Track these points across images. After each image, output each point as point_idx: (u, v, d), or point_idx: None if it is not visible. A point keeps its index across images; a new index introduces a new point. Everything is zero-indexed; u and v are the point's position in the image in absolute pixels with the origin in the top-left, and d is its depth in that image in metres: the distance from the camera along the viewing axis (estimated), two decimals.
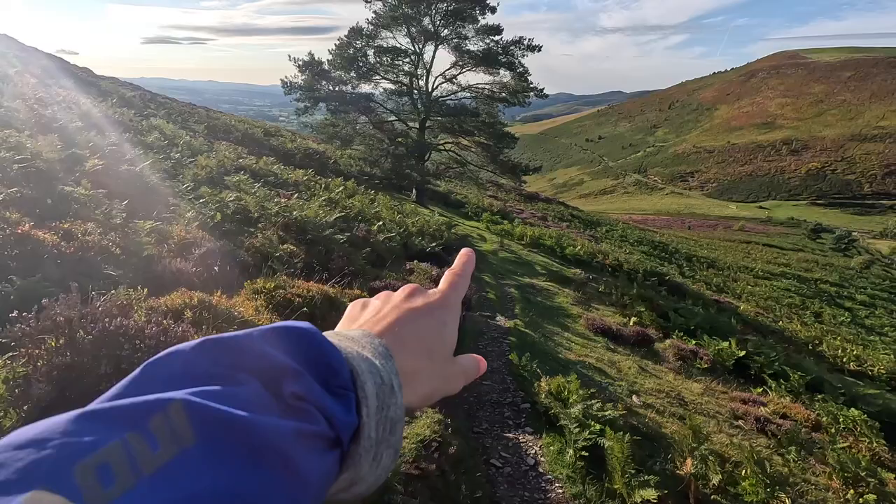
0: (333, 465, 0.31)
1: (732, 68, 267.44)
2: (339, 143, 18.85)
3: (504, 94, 18.18)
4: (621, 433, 2.80)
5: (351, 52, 17.35)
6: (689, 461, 3.13)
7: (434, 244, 9.69)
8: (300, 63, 17.09)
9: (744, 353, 7.98)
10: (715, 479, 3.34)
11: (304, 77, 17.10)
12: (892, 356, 16.23)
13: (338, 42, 17.48)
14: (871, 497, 3.28)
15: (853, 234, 65.02)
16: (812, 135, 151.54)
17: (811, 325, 18.37)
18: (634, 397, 5.14)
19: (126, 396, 0.27)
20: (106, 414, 0.26)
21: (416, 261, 7.47)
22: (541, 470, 2.71)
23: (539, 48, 17.06)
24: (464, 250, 0.53)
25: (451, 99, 18.93)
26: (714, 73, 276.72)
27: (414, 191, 19.27)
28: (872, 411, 6.71)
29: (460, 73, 18.60)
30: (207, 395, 0.28)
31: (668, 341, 8.01)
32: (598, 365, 5.90)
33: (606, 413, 3.20)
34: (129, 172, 6.91)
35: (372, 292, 4.99)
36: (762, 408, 5.71)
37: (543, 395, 3.49)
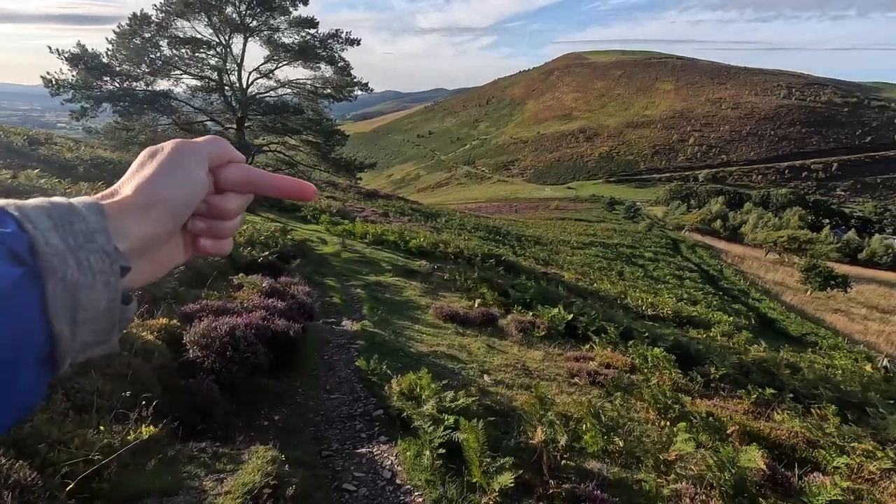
0: (23, 279, 0.32)
1: (534, 67, 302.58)
2: (138, 149, 16.03)
3: (328, 90, 17.46)
4: (475, 420, 2.75)
5: (138, 42, 14.74)
6: (538, 430, 3.24)
7: (267, 253, 8.83)
8: (68, 55, 13.91)
9: (571, 316, 8.95)
10: (562, 441, 3.53)
11: (76, 73, 13.95)
12: (673, 299, 20.10)
13: (117, 30, 14.69)
14: (683, 425, 3.85)
15: (637, 203, 79.14)
16: (600, 123, 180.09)
17: (617, 282, 21.77)
18: (486, 377, 5.30)
19: None
20: None
21: (241, 274, 6.65)
22: (398, 481, 2.52)
23: (358, 42, 16.73)
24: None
25: (269, 96, 17.48)
26: (520, 71, 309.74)
27: None
28: (667, 346, 8.05)
29: (277, 68, 17.26)
30: None
31: (509, 317, 8.55)
32: (449, 352, 5.97)
33: (459, 402, 3.15)
34: None
35: (185, 318, 4.22)
36: (591, 362, 6.40)
37: (395, 398, 3.31)
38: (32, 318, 0.33)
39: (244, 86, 17.25)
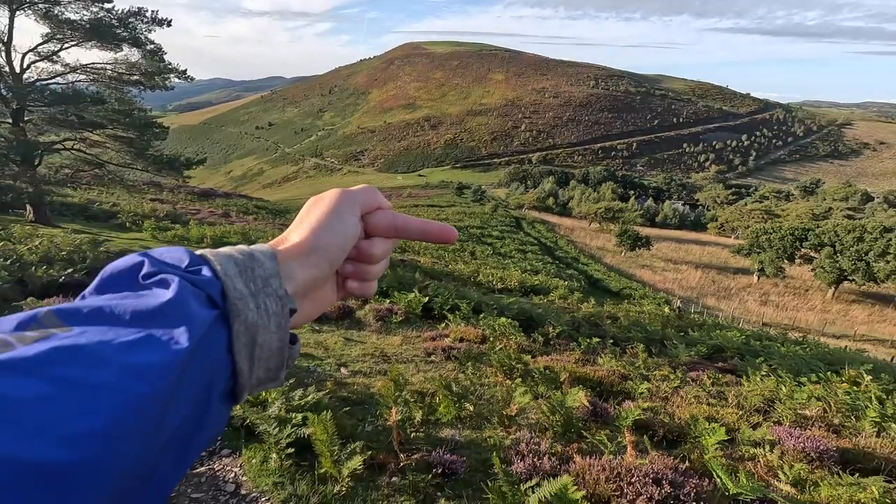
0: (216, 322, 0.36)
1: (375, 56, 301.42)
2: None
3: (136, 77, 15.06)
4: (325, 412, 2.71)
5: None
6: (393, 410, 3.31)
7: (71, 270, 7.44)
8: None
9: (427, 298, 9.28)
10: (418, 416, 3.67)
11: None
12: (519, 272, 22.10)
13: None
14: (519, 381, 4.29)
15: (483, 187, 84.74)
16: (442, 112, 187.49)
17: (470, 261, 23.18)
18: (343, 369, 5.24)
19: None
20: None
21: (32, 298, 5.53)
22: (243, 491, 2.37)
23: (168, 22, 14.63)
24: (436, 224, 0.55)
25: (56, 83, 14.43)
26: (361, 60, 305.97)
27: (29, 208, 14.33)
28: (513, 315, 8.84)
29: (63, 49, 14.26)
30: (74, 304, 0.33)
31: (367, 307, 8.53)
32: (304, 351, 5.76)
33: (309, 398, 3.06)
34: None
35: None
36: (446, 339, 6.74)
37: (238, 407, 3.11)
38: (221, 356, 0.36)
39: (19, 69, 14.01)
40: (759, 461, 3.27)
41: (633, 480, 2.45)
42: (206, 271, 0.38)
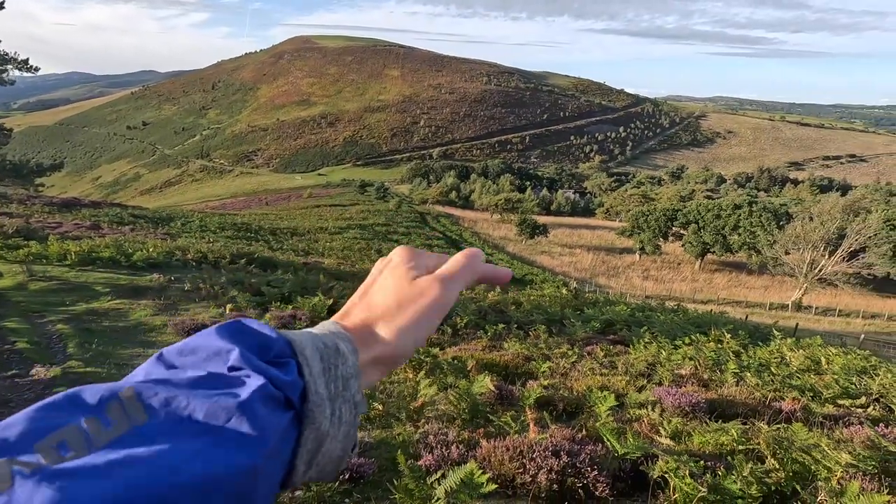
0: (290, 424, 0.35)
1: (262, 50, 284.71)
2: None
3: None
4: None
5: None
6: None
7: None
8: None
9: (332, 300, 9.00)
10: None
11: None
12: None
13: None
14: (423, 374, 4.33)
15: (386, 184, 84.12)
16: (339, 109, 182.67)
17: (376, 259, 22.94)
18: None
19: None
20: (63, 402, 0.30)
21: None
22: None
23: (0, 5, 12.53)
24: (467, 251, 0.53)
25: None
26: (246, 53, 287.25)
27: None
28: None
29: None
30: (157, 381, 0.33)
31: (267, 315, 8.07)
32: None
33: None
34: None
35: None
36: None
37: None
38: (285, 458, 0.35)
39: None
40: (643, 421, 3.62)
41: (534, 456, 2.58)
42: (291, 371, 0.36)
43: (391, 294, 0.46)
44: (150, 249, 13.52)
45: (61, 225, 20.28)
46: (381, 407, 3.86)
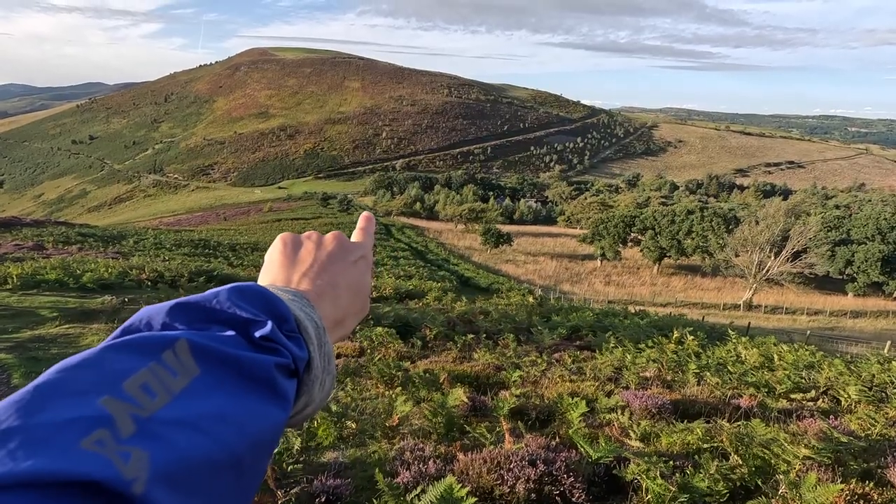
0: (294, 391, 0.40)
1: (217, 62, 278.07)
2: None
3: None
4: None
5: None
6: None
7: None
8: None
9: None
10: (296, 444, 3.45)
11: None
12: (393, 278, 22.17)
13: None
14: (399, 389, 4.30)
15: (349, 196, 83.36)
16: (299, 121, 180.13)
17: None
18: None
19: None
20: (127, 347, 0.32)
21: None
22: None
23: None
24: (365, 214, 0.63)
25: None
26: (201, 65, 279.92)
27: None
28: (389, 323, 8.83)
29: None
30: (202, 336, 0.35)
31: None
32: None
33: None
34: None
35: None
36: None
37: None
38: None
39: None
40: (613, 425, 3.71)
41: (511, 466, 2.60)
42: (302, 344, 0.41)
43: (352, 288, 0.53)
44: (102, 270, 12.86)
45: (0, 246, 19.01)
46: (353, 425, 3.80)
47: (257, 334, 0.38)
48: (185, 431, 0.28)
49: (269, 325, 0.38)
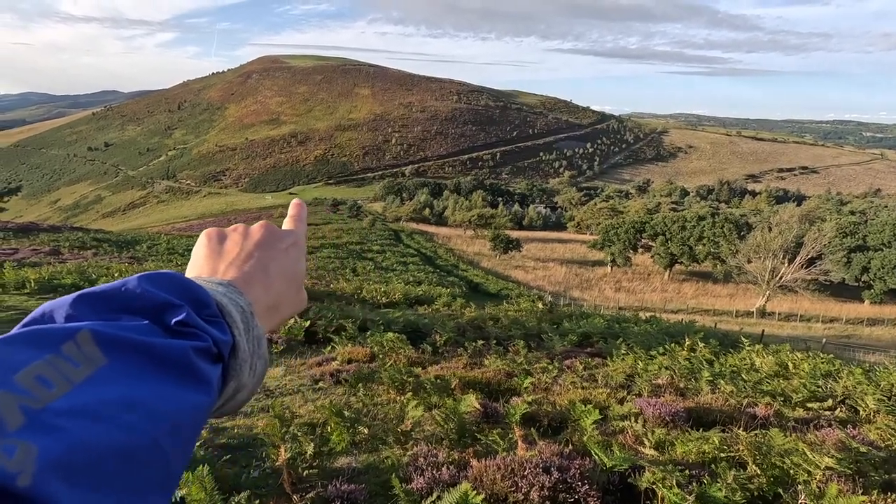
0: (219, 376, 0.39)
1: (229, 69, 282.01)
2: None
3: None
4: (201, 467, 2.42)
5: None
6: (281, 448, 3.09)
7: None
8: None
9: (308, 322, 8.85)
10: (309, 450, 3.46)
11: None
12: (402, 284, 22.20)
13: None
14: (410, 395, 4.30)
15: (359, 202, 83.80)
16: (309, 128, 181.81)
17: (352, 279, 22.69)
18: None
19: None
20: (22, 338, 0.30)
21: None
22: None
23: None
24: (295, 201, 0.63)
25: None
26: (213, 73, 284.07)
27: None
28: (400, 328, 8.84)
29: None
30: (109, 326, 0.34)
31: None
32: None
33: None
34: None
35: None
36: (333, 363, 6.48)
37: None
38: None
39: None
40: (627, 433, 3.68)
41: (525, 473, 2.59)
42: (225, 329, 0.40)
43: (285, 275, 0.53)
44: (116, 274, 13.06)
45: (18, 251, 19.39)
46: (366, 430, 3.81)
47: (173, 321, 0.37)
48: (84, 420, 0.27)
49: (185, 309, 0.38)
